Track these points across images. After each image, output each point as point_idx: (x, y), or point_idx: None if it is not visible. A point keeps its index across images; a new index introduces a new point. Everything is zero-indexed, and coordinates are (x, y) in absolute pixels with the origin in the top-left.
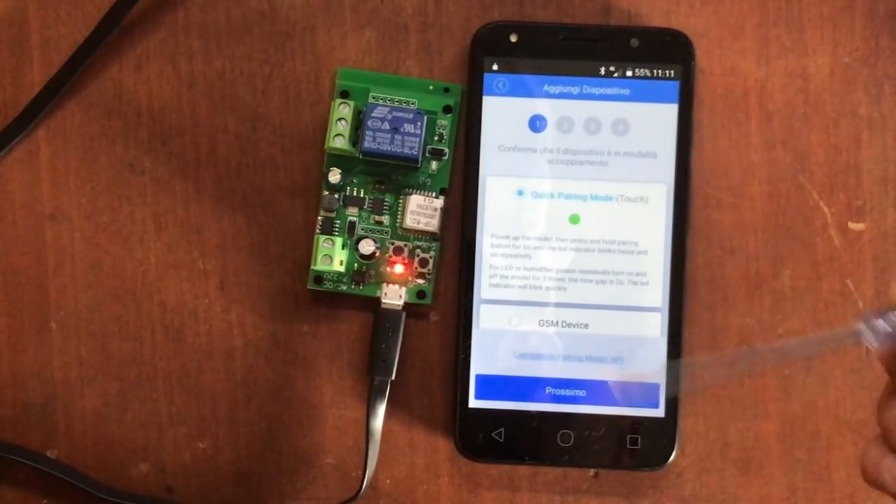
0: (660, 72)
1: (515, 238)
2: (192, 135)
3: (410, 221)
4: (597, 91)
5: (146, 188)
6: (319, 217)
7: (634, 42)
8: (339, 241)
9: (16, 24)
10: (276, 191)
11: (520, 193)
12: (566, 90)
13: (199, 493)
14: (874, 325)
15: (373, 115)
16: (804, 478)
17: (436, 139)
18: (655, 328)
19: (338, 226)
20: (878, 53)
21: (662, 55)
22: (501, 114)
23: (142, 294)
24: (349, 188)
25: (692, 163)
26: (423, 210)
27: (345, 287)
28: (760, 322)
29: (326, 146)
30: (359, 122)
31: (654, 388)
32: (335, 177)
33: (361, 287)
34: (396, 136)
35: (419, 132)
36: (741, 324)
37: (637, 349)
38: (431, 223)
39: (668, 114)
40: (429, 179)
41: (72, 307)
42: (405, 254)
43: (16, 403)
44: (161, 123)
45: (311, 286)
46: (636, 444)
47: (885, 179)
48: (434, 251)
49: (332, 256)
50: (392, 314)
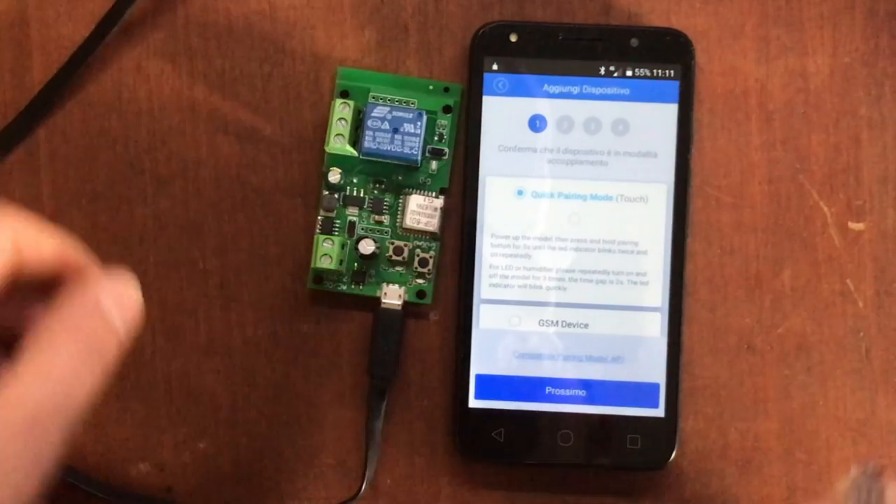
0: (660, 72)
1: (515, 238)
2: (192, 135)
3: (410, 221)
4: (597, 91)
5: (146, 188)
6: (319, 217)
7: (634, 42)
8: (339, 241)
9: (16, 24)
10: (276, 191)
11: (520, 193)
12: (566, 90)
13: (199, 493)
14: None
15: (373, 115)
16: (804, 478)
17: (436, 139)
18: (655, 328)
19: (338, 226)
20: (879, 53)
21: (662, 55)
22: (501, 114)
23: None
24: (349, 188)
25: (692, 163)
26: (423, 210)
27: (345, 287)
28: (760, 322)
29: (326, 146)
30: (359, 122)
31: (655, 388)
32: (335, 177)
33: (361, 287)
34: (396, 136)
35: (419, 132)
36: (741, 324)
37: (637, 349)
38: (431, 223)
39: (668, 113)
40: (429, 179)
41: None
42: (405, 254)
43: None
44: (161, 123)
45: (311, 286)
46: (636, 444)
47: (885, 179)
48: (434, 251)
49: (332, 256)
50: (392, 314)
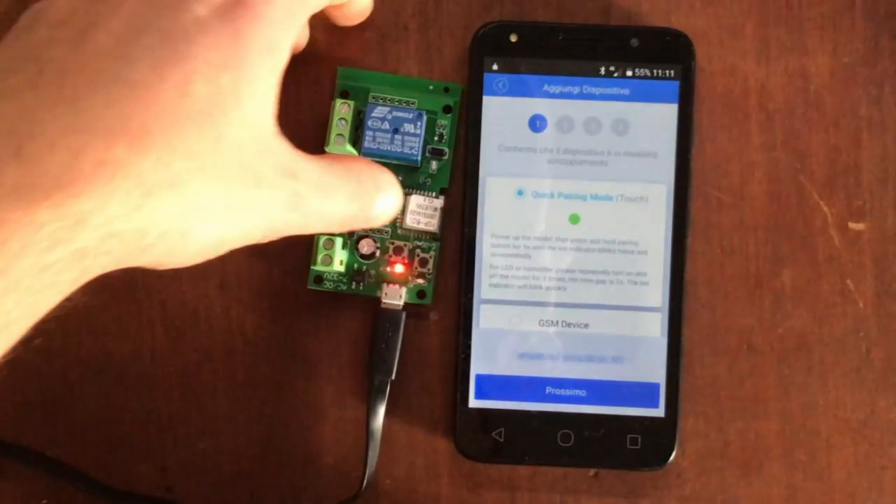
0: (660, 72)
1: (515, 238)
2: None
3: (410, 221)
4: (597, 91)
5: None
6: None
7: (634, 42)
8: (339, 241)
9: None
10: None
11: (520, 193)
12: (566, 90)
13: (199, 493)
14: None
15: (373, 116)
16: (804, 478)
17: (436, 139)
18: (655, 328)
19: None
20: (879, 53)
21: (662, 55)
22: (501, 114)
23: (142, 294)
24: None
25: (692, 163)
26: (423, 210)
27: (345, 287)
28: (760, 322)
29: (326, 146)
30: (359, 122)
31: (655, 388)
32: None
33: (361, 287)
34: (396, 137)
35: (419, 132)
36: (741, 324)
37: (637, 349)
38: (431, 223)
39: (668, 114)
40: (429, 179)
41: (71, 307)
42: (405, 254)
43: (16, 403)
44: None
45: (312, 286)
46: (636, 444)
47: (885, 179)
48: (434, 251)
49: (333, 257)
50: (392, 314)
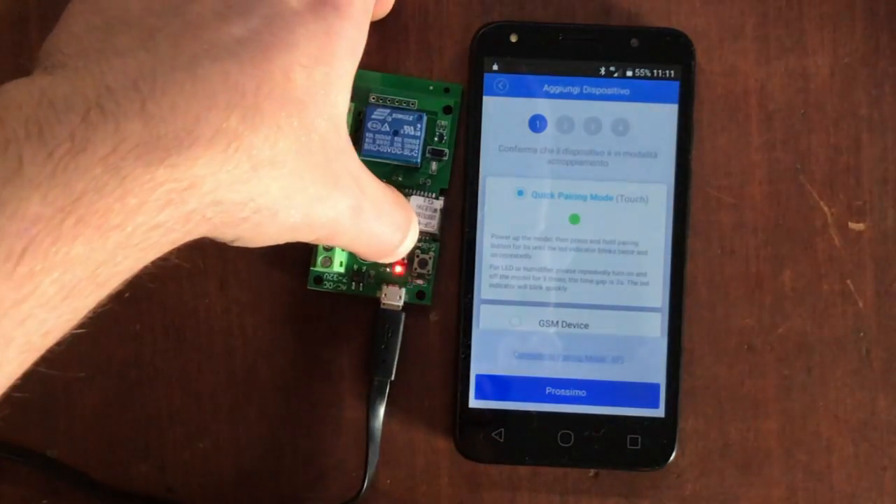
0: (660, 72)
1: (515, 238)
2: None
3: None
4: (597, 91)
5: None
6: None
7: (634, 42)
8: None
9: (16, 24)
10: None
11: (520, 193)
12: (566, 90)
13: (199, 493)
14: None
15: (373, 118)
16: (804, 478)
17: (436, 139)
18: (655, 328)
19: None
20: (879, 53)
21: (662, 55)
22: (501, 114)
23: (142, 294)
24: None
25: (692, 163)
26: (423, 211)
27: (344, 287)
28: (760, 322)
29: None
30: (359, 124)
31: (655, 388)
32: None
33: (361, 287)
34: (396, 139)
35: (419, 134)
36: (741, 324)
37: (637, 349)
38: (431, 224)
39: (668, 114)
40: (428, 180)
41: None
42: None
43: (16, 403)
44: None
45: (311, 286)
46: (636, 444)
47: (886, 179)
48: (433, 252)
49: (332, 258)
50: (391, 314)
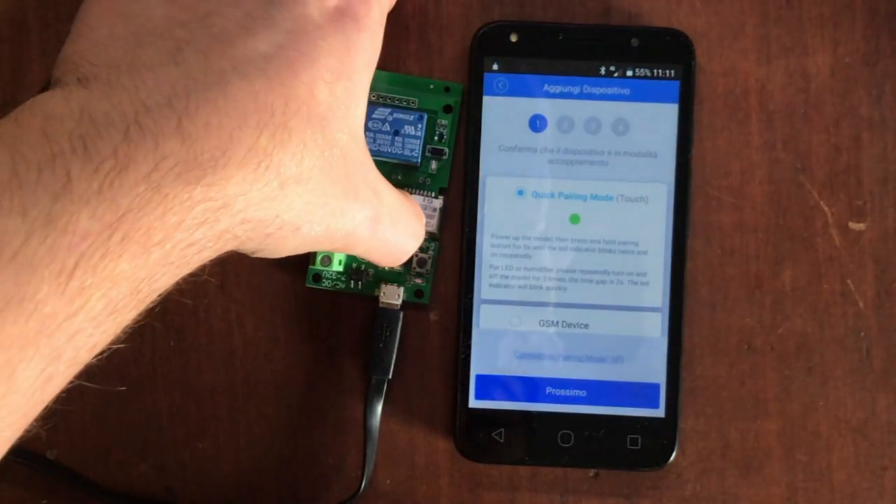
0: (660, 71)
1: (515, 238)
2: None
3: None
4: (597, 91)
5: None
6: None
7: (634, 42)
8: None
9: (16, 24)
10: None
11: (520, 193)
12: (566, 90)
13: (199, 493)
14: None
15: (373, 117)
16: (804, 478)
17: (436, 139)
18: (655, 328)
19: None
20: (879, 53)
21: (663, 55)
22: (501, 113)
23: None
24: None
25: (692, 163)
26: (422, 210)
27: (343, 286)
28: (760, 322)
29: None
30: None
31: (655, 388)
32: None
33: (360, 286)
34: (397, 139)
35: (420, 134)
36: (741, 324)
37: (637, 349)
38: (430, 223)
39: (669, 114)
40: (428, 179)
41: None
42: None
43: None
44: None
45: (310, 284)
46: (636, 445)
47: (886, 179)
48: (432, 251)
49: (332, 256)
50: (390, 313)
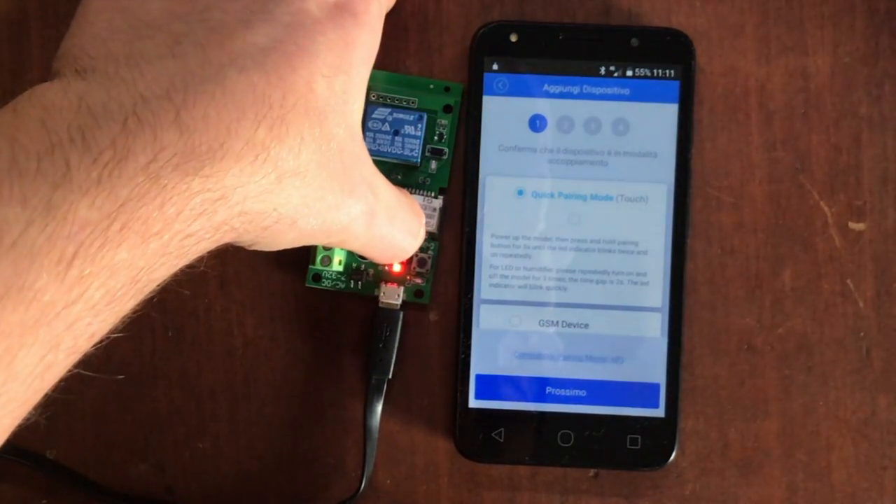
0: (660, 71)
1: (515, 238)
2: None
3: None
4: (597, 91)
5: None
6: None
7: (634, 42)
8: None
9: (16, 24)
10: None
11: (520, 193)
12: (566, 90)
13: (199, 493)
14: None
15: (373, 117)
16: (804, 478)
17: (436, 139)
18: (655, 328)
19: None
20: (879, 53)
21: (663, 55)
22: (501, 113)
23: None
24: None
25: (692, 163)
26: (422, 210)
27: (343, 286)
28: (760, 322)
29: None
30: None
31: (655, 388)
32: None
33: (359, 286)
34: (397, 139)
35: (420, 134)
36: (741, 324)
37: (637, 349)
38: (430, 223)
39: (669, 114)
40: (428, 179)
41: None
42: None
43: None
44: None
45: (310, 284)
46: (636, 444)
47: (886, 179)
48: (432, 251)
49: (332, 256)
50: (390, 313)
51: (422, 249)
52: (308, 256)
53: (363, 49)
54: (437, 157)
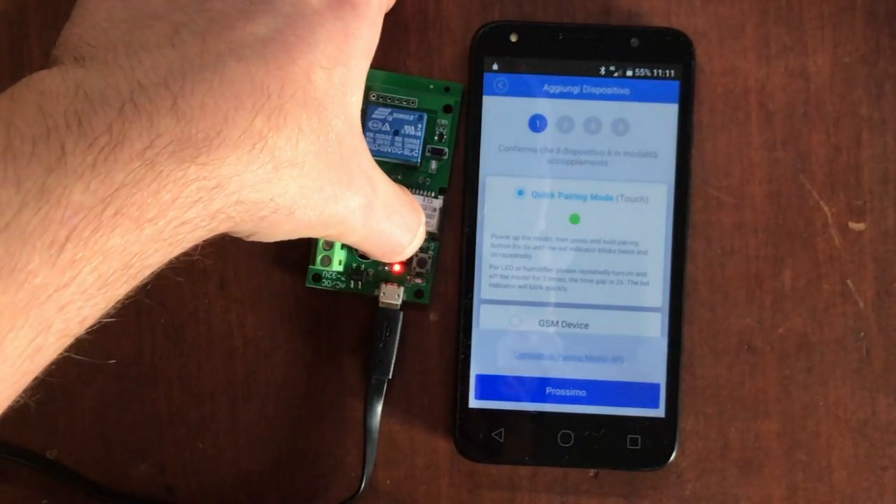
0: (660, 71)
1: (515, 238)
2: None
3: None
4: (597, 91)
5: None
6: None
7: (634, 42)
8: (339, 242)
9: (16, 24)
10: None
11: (520, 193)
12: (566, 90)
13: (199, 493)
14: None
15: (373, 117)
16: (804, 478)
17: (436, 139)
18: (655, 328)
19: None
20: (879, 53)
21: (663, 55)
22: (501, 113)
23: (142, 294)
24: None
25: (692, 163)
26: (422, 210)
27: (343, 286)
28: (760, 322)
29: None
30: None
31: (655, 388)
32: None
33: (359, 286)
34: (397, 139)
35: (419, 134)
36: (741, 324)
37: (637, 349)
38: (430, 223)
39: (669, 114)
40: (428, 179)
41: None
42: None
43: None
44: None
45: (310, 284)
46: (636, 445)
47: (886, 179)
48: (432, 251)
49: (332, 257)
50: (390, 313)
51: (422, 249)
52: (308, 256)
53: (363, 41)
54: (437, 157)
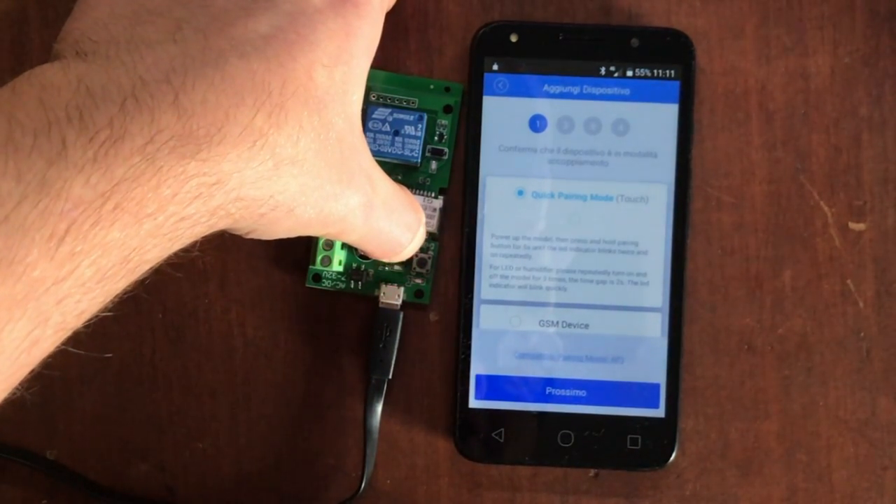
0: (660, 72)
1: (515, 238)
2: None
3: None
4: (597, 91)
5: None
6: None
7: (635, 42)
8: (339, 242)
9: (16, 24)
10: None
11: (520, 193)
12: (566, 90)
13: (199, 493)
14: None
15: (373, 117)
16: (804, 478)
17: (436, 139)
18: (655, 328)
19: None
20: (879, 53)
21: (663, 55)
22: (502, 114)
23: (142, 294)
24: None
25: (692, 163)
26: (422, 210)
27: (343, 286)
28: (760, 322)
29: None
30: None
31: (655, 388)
32: None
33: (360, 286)
34: (397, 139)
35: (420, 134)
36: (741, 324)
37: (637, 349)
38: (430, 223)
39: (669, 114)
40: (428, 179)
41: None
42: None
43: (15, 403)
44: None
45: (310, 284)
46: (636, 445)
47: (886, 179)
48: (432, 251)
49: (332, 257)
50: (390, 313)
51: (422, 249)
52: (308, 256)
53: (364, 40)
54: (438, 158)
